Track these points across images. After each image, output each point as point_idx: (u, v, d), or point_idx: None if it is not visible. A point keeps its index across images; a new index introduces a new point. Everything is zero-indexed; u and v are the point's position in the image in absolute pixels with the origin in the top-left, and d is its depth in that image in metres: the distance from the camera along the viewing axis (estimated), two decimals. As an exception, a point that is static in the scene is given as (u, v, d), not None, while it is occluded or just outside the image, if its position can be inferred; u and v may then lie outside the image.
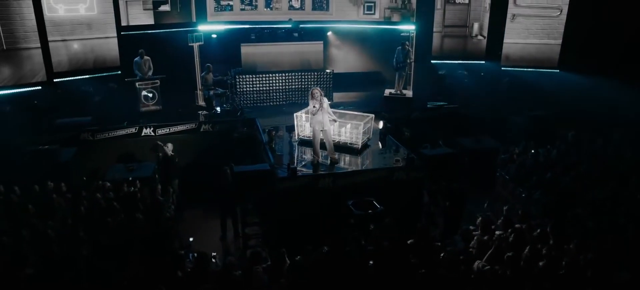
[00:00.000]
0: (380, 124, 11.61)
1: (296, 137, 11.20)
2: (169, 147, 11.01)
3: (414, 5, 16.35)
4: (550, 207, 8.80)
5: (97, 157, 11.86)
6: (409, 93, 14.97)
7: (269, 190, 9.40)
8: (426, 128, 13.63)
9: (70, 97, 13.52)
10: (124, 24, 14.77)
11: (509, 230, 7.86)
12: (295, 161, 10.32)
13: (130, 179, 9.85)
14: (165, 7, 15.94)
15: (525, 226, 7.92)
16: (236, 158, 10.85)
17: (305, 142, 11.03)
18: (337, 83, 15.40)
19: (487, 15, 15.70)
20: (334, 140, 10.33)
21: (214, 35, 15.51)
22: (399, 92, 14.68)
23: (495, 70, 15.97)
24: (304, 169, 9.82)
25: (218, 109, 13.57)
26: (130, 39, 14.25)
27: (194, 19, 15.87)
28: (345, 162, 10.31)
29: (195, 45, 13.92)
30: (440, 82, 15.55)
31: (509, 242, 7.44)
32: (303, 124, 11.19)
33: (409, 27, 15.44)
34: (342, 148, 10.61)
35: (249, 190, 9.48)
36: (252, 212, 10.20)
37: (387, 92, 14.88)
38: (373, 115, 11.18)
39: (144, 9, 15.71)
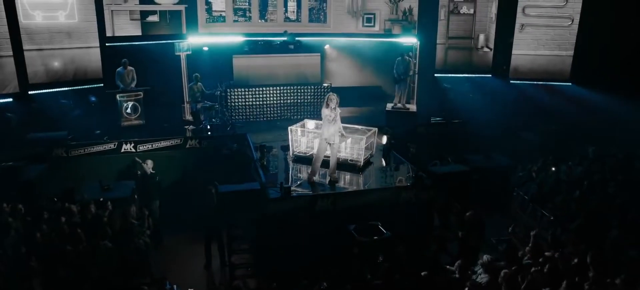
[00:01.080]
0: (384, 139, 10.37)
1: (291, 153, 9.93)
2: (149, 165, 9.71)
3: (416, 17, 15.29)
4: (582, 231, 7.48)
5: (71, 175, 10.52)
6: (412, 107, 13.75)
7: (259, 213, 8.05)
8: (431, 144, 12.46)
9: (47, 110, 12.20)
10: (109, 34, 13.59)
11: (540, 260, 6.58)
12: (290, 180, 9.04)
13: (102, 200, 8.49)
14: (153, 18, 14.84)
15: (558, 255, 6.63)
16: (224, 176, 9.55)
17: (301, 159, 9.77)
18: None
19: (494, 26, 14.58)
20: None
21: (205, 48, 14.26)
22: (401, 105, 13.46)
23: (503, 83, 14.77)
24: (299, 189, 8.53)
25: (206, 123, 12.27)
26: (114, 49, 13.01)
27: (184, 31, 14.68)
28: (346, 181, 9.06)
29: (183, 55, 12.69)
30: (445, 95, 14.36)
31: (544, 275, 6.13)
32: (298, 139, 9.96)
33: (411, 40, 14.28)
34: (343, 165, 9.34)
35: (236, 213, 8.13)
36: (241, 238, 8.85)
37: (389, 106, 13.66)
38: (376, 129, 9.95)
39: (131, 19, 14.61)
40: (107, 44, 13.20)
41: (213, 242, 8.96)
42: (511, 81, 14.62)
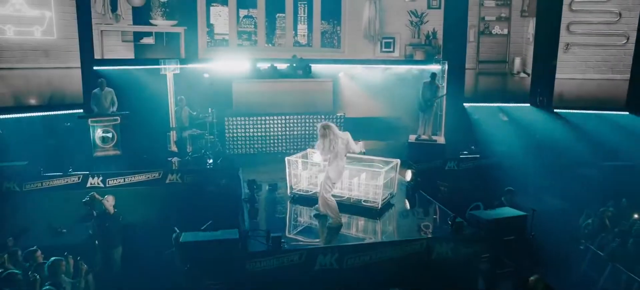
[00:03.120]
0: (408, 176, 7.88)
1: (289, 191, 7.51)
2: (110, 201, 7.36)
3: (441, 41, 13.03)
4: None
5: (22, 214, 8.30)
6: (440, 139, 11.27)
7: (235, 273, 5.57)
8: (463, 183, 9.94)
9: (13, 138, 10.07)
10: (97, 56, 11.66)
11: None
12: (287, 227, 6.61)
13: (33, 248, 6.15)
14: (148, 40, 12.85)
15: None
16: (207, 219, 7.15)
17: (302, 199, 7.33)
18: (349, 129, 11.68)
19: (531, 48, 12.15)
20: (342, 197, 6.69)
21: (206, 75, 12.19)
22: (426, 137, 11.01)
23: (545, 112, 12.18)
24: (298, 237, 6.08)
25: (193, 154, 9.99)
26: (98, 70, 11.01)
27: (183, 55, 12.65)
28: (358, 229, 6.55)
29: (170, 74, 10.57)
30: (476, 126, 11.88)
31: None
32: (298, 173, 7.54)
33: (435, 67, 12.07)
34: (355, 208, 6.87)
35: (205, 272, 5.64)
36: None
37: (412, 137, 11.22)
38: (398, 161, 7.47)
39: (123, 41, 12.66)
40: (95, 68, 11.26)
41: (180, 309, 6.48)
42: (555, 110, 12.01)
